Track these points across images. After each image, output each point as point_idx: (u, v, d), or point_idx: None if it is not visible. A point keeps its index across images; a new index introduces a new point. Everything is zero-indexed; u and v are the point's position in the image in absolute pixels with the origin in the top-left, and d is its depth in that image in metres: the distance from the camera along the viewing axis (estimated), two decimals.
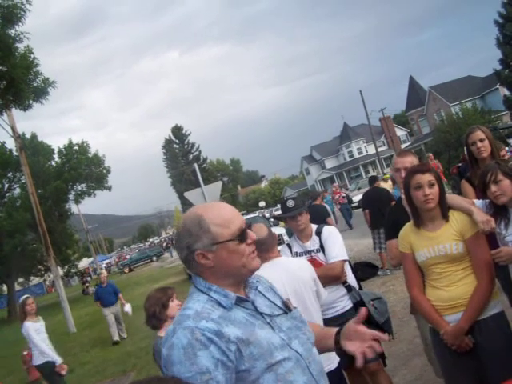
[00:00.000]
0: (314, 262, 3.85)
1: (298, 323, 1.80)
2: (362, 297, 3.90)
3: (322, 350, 2.01)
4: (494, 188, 2.92)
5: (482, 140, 3.90)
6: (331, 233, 3.99)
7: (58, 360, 7.14)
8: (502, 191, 2.90)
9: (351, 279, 4.03)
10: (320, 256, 3.93)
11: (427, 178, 2.85)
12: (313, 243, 3.99)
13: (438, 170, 15.90)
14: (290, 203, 4.00)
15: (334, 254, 3.85)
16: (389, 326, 3.94)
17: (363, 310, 1.91)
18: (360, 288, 4.19)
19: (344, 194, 23.07)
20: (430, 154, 19.09)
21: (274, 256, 3.25)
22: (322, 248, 3.94)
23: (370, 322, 3.56)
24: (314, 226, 4.08)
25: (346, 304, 3.89)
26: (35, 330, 7.01)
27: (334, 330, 2.00)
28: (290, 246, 4.13)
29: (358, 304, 3.85)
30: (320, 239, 3.96)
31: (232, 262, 1.69)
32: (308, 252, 3.99)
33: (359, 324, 1.87)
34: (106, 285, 12.54)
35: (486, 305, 2.82)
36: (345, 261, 3.92)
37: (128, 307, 11.65)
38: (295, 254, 4.04)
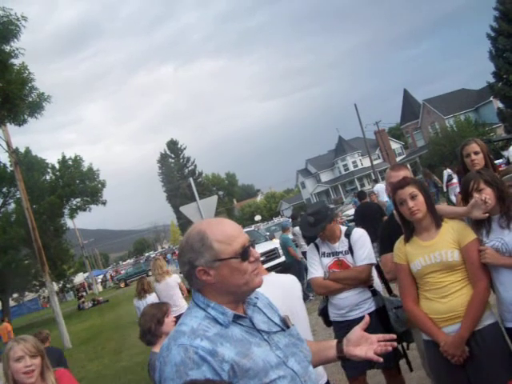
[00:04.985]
0: (341, 264, 3.85)
1: (295, 340, 1.79)
2: (386, 303, 3.82)
3: (319, 363, 2.01)
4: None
5: (476, 153, 3.92)
6: (361, 235, 3.96)
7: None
8: None
9: (377, 283, 3.98)
10: (348, 258, 3.88)
11: (408, 191, 2.91)
12: (341, 245, 3.94)
13: None
14: (311, 219, 3.92)
15: (363, 256, 3.83)
16: (409, 336, 3.79)
17: (367, 318, 1.94)
18: (390, 291, 4.14)
19: None
20: None
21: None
22: (350, 250, 3.89)
23: (388, 330, 3.49)
24: (343, 228, 4.05)
25: (369, 306, 3.84)
26: None
27: (333, 341, 2.01)
28: (317, 246, 4.05)
29: (380, 310, 3.81)
30: (349, 241, 3.92)
31: (233, 280, 1.66)
32: (336, 253, 3.94)
33: (363, 330, 1.91)
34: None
35: (483, 313, 2.81)
36: (372, 264, 3.89)
37: None
38: (322, 255, 3.98)
